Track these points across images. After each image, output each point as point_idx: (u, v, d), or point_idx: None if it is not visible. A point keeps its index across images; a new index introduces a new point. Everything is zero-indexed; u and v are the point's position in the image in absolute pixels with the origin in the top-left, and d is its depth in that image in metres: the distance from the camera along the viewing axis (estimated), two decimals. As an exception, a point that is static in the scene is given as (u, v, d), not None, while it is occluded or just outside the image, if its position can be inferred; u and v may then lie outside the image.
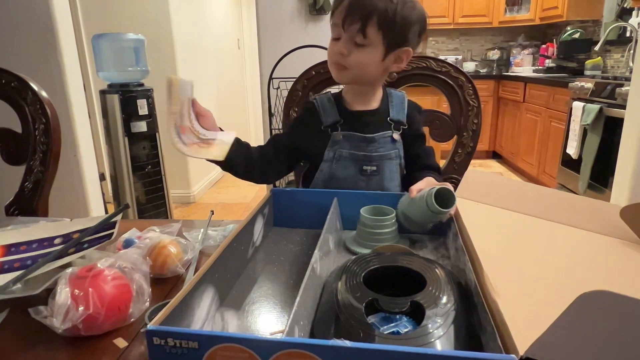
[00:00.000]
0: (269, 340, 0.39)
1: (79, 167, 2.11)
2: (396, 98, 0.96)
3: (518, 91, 3.96)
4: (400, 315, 0.49)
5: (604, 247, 0.65)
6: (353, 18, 0.79)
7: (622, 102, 2.34)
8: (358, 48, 0.82)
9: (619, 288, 0.49)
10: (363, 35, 0.81)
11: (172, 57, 3.17)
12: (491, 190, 0.84)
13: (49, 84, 1.92)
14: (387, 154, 0.91)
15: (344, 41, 0.83)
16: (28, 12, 1.94)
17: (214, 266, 0.55)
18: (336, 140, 0.91)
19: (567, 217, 0.73)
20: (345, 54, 0.83)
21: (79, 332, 0.53)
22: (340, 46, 0.83)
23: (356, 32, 0.80)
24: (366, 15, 0.79)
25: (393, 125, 0.93)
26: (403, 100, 0.96)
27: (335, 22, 0.83)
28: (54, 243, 0.70)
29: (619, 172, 2.07)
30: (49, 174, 1.12)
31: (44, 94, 1.12)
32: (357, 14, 0.79)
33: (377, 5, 0.79)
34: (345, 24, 0.81)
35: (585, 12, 3.80)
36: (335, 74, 0.89)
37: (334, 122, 0.92)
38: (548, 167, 3.44)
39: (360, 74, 0.87)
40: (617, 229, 0.68)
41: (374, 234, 0.75)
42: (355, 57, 0.83)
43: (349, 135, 0.91)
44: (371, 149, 0.90)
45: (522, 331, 0.40)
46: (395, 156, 0.92)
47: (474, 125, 1.13)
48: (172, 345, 0.40)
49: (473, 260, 0.56)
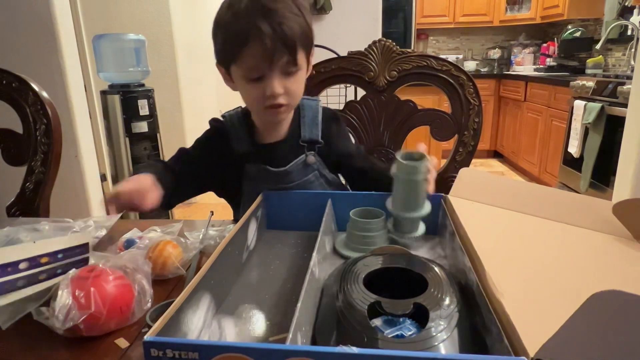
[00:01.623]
0: (273, 349, 0.37)
1: (80, 168, 2.11)
2: (308, 111, 0.87)
3: (519, 90, 3.95)
4: (403, 318, 0.49)
5: (600, 245, 0.64)
6: (280, 53, 0.70)
7: (623, 101, 2.34)
8: (290, 77, 0.75)
9: (621, 286, 0.49)
10: (294, 64, 0.73)
11: (173, 58, 3.17)
12: (485, 188, 0.84)
13: (50, 85, 1.92)
14: (305, 180, 0.86)
15: (274, 79, 0.73)
16: (28, 13, 1.94)
17: (210, 272, 0.54)
18: (251, 176, 0.85)
19: (561, 215, 0.73)
20: (282, 92, 0.74)
21: (81, 333, 0.52)
22: (274, 86, 0.73)
23: (285, 64, 0.72)
24: (292, 45, 0.71)
25: (306, 147, 0.86)
26: (316, 114, 0.87)
27: (251, 65, 0.72)
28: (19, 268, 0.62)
29: (621, 170, 2.06)
30: (50, 175, 1.12)
31: (44, 94, 1.12)
32: (282, 48, 0.70)
33: (295, 30, 0.71)
34: (273, 61, 0.71)
35: (586, 10, 3.79)
36: (273, 117, 0.80)
37: (245, 153, 0.85)
38: (549, 166, 3.43)
39: (296, 103, 0.81)
40: (612, 225, 0.68)
41: (364, 237, 0.73)
42: (292, 89, 0.76)
43: (262, 168, 0.84)
44: (287, 180, 0.85)
45: (529, 332, 0.39)
46: (315, 178, 0.87)
47: (475, 124, 1.12)
48: (170, 356, 0.38)
49: (473, 259, 0.55)
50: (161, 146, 2.55)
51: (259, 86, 0.74)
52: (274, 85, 0.73)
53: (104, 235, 0.85)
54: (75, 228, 0.86)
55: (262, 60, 0.71)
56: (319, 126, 0.87)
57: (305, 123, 0.86)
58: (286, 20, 0.69)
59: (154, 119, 2.48)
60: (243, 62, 0.73)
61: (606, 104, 2.57)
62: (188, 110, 3.33)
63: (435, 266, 0.58)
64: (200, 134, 0.93)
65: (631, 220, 0.66)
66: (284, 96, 0.75)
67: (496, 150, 4.66)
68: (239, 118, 0.87)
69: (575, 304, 0.44)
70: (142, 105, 2.41)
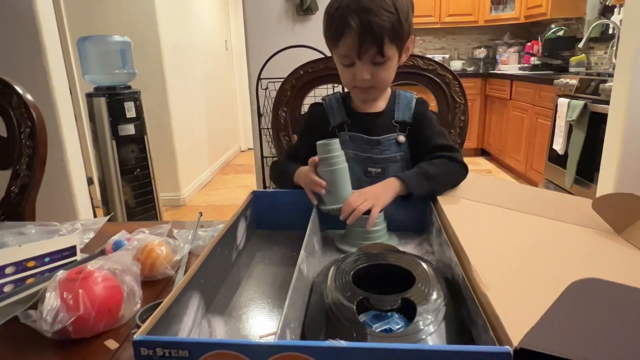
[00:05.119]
0: (262, 345, 0.38)
1: (66, 171, 2.09)
2: (404, 99, 0.96)
3: (505, 89, 3.99)
4: (391, 313, 0.50)
5: (581, 238, 0.66)
6: (367, 45, 0.80)
7: (606, 98, 2.38)
8: (379, 66, 0.84)
9: (602, 275, 0.50)
10: (381, 56, 0.82)
11: (160, 59, 3.14)
12: (472, 186, 0.85)
13: (34, 87, 1.90)
14: (392, 157, 0.92)
15: (363, 67, 0.83)
16: (12, 14, 1.91)
17: (199, 272, 0.55)
18: (342, 140, 0.90)
19: (544, 210, 0.74)
20: (369, 78, 0.84)
21: (69, 335, 0.52)
22: (362, 73, 0.83)
23: (374, 55, 0.81)
24: (379, 39, 0.79)
25: (398, 128, 0.93)
26: (410, 101, 0.96)
27: (344, 53, 0.83)
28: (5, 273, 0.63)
29: (604, 166, 2.10)
30: (35, 178, 1.11)
31: (29, 97, 1.11)
32: (369, 41, 0.79)
33: (384, 25, 0.78)
34: (361, 52, 0.81)
35: (569, 10, 3.85)
36: (361, 96, 0.91)
37: (341, 123, 0.93)
38: (535, 163, 3.48)
39: (385, 86, 0.91)
40: (593, 220, 0.69)
41: (364, 232, 0.74)
42: (380, 76, 0.85)
43: (355, 136, 0.92)
44: (376, 151, 0.91)
45: (514, 322, 0.40)
46: (400, 159, 0.92)
47: (461, 122, 1.14)
48: (160, 355, 0.38)
49: (459, 254, 0.56)
50: (149, 148, 2.53)
51: (350, 70, 0.85)
52: (361, 72, 0.84)
53: (92, 238, 0.85)
54: (62, 231, 0.85)
55: (352, 50, 0.81)
56: (411, 111, 0.95)
57: (399, 107, 0.95)
58: (376, 18, 0.78)
59: (141, 121, 2.46)
60: (339, 50, 0.84)
61: (589, 102, 2.62)
62: (176, 111, 3.31)
63: (422, 262, 0.59)
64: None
65: (610, 215, 0.68)
66: (370, 80, 0.85)
67: (483, 148, 4.71)
68: (337, 98, 0.97)
69: (557, 294, 0.45)
70: (129, 107, 2.39)
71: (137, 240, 0.73)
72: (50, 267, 0.66)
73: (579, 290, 0.46)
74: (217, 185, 4.00)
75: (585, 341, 0.38)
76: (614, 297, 0.47)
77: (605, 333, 0.40)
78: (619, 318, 0.43)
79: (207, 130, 4.13)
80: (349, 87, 0.91)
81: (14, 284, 0.62)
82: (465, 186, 0.85)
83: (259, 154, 2.51)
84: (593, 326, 0.41)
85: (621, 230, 0.66)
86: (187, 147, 3.51)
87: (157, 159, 2.65)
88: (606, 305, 0.45)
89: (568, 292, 0.45)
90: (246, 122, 5.03)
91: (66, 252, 0.69)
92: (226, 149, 4.91)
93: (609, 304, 0.45)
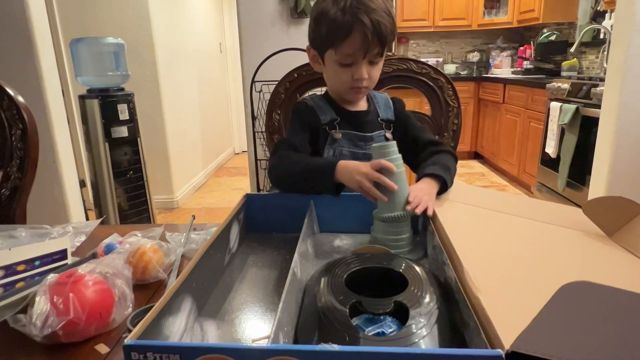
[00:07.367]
0: (255, 349, 0.37)
1: (58, 174, 2.07)
2: (380, 99, 1.00)
3: (498, 92, 4.02)
4: (384, 316, 0.50)
5: (573, 240, 0.66)
6: (374, 45, 0.83)
7: (597, 102, 2.40)
8: (374, 66, 0.88)
9: (593, 277, 0.50)
10: (381, 56, 0.87)
11: (153, 61, 3.13)
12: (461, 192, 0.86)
13: (26, 89, 1.88)
14: None
15: (363, 66, 0.86)
16: (4, 16, 1.90)
17: (191, 275, 0.54)
18: (335, 138, 0.92)
19: (535, 214, 0.75)
20: (367, 77, 0.87)
21: (59, 339, 0.52)
22: (363, 72, 0.86)
23: (375, 55, 0.85)
24: (385, 40, 0.83)
25: (384, 125, 0.96)
26: (387, 101, 1.00)
27: (348, 52, 0.84)
28: None
29: (596, 169, 2.12)
30: (26, 181, 1.10)
31: (20, 99, 1.10)
32: (376, 41, 0.83)
33: (388, 28, 0.82)
34: (368, 52, 0.84)
35: (561, 14, 3.89)
36: (356, 96, 0.93)
37: (331, 120, 0.94)
38: (528, 166, 3.50)
39: (373, 86, 0.93)
40: (584, 224, 0.70)
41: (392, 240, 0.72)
42: (374, 75, 0.89)
43: (348, 134, 0.93)
44: (369, 147, 0.90)
45: (506, 325, 0.40)
46: None
47: (454, 126, 1.14)
48: (152, 359, 0.38)
49: (452, 257, 0.56)
50: (142, 151, 2.51)
51: (349, 70, 0.87)
52: (362, 71, 0.86)
53: (84, 241, 0.84)
54: (53, 234, 0.85)
55: (359, 49, 0.83)
56: (392, 110, 0.99)
57: (380, 106, 0.99)
58: (382, 19, 0.81)
59: (134, 124, 2.45)
60: (342, 50, 0.84)
61: (581, 105, 2.64)
62: (169, 114, 3.30)
63: (415, 265, 0.59)
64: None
65: (601, 218, 0.68)
66: (366, 80, 0.88)
67: (476, 151, 4.73)
68: (320, 97, 0.97)
69: (549, 296, 0.45)
70: (122, 109, 2.38)
71: (129, 244, 0.72)
72: (41, 271, 0.66)
73: (570, 293, 0.46)
74: (210, 188, 3.99)
75: (576, 344, 0.39)
76: (604, 299, 0.47)
77: (596, 335, 0.40)
78: (609, 321, 0.43)
79: (200, 132, 4.12)
80: (345, 87, 0.90)
81: (4, 288, 0.62)
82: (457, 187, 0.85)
83: (253, 156, 2.51)
84: (584, 329, 0.41)
85: (612, 233, 0.67)
86: (180, 149, 3.49)
87: (150, 161, 2.63)
88: (596, 308, 0.45)
89: (559, 295, 0.46)
90: (240, 125, 5.03)
91: (57, 255, 0.69)
92: (220, 152, 4.89)
93: (599, 307, 0.46)
